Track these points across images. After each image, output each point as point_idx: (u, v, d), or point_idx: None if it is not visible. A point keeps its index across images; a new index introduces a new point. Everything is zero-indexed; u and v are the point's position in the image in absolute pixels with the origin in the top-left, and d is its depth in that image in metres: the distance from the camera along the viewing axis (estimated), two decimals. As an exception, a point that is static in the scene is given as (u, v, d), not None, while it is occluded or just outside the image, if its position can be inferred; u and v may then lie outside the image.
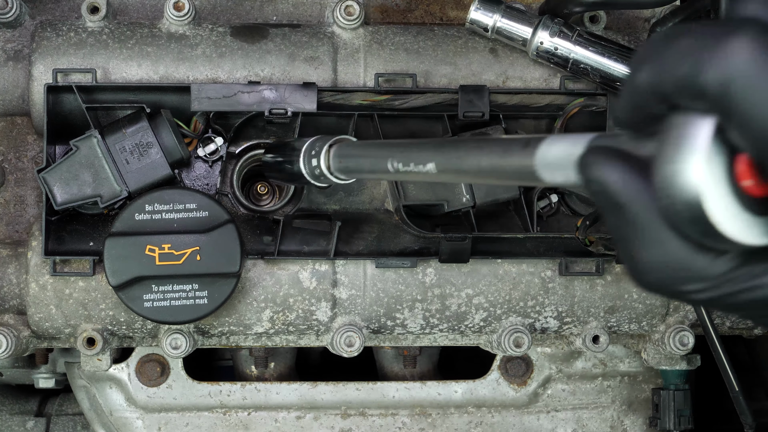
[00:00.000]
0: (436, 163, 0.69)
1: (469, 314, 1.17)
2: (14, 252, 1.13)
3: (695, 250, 0.48)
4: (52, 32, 1.12)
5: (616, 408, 1.33)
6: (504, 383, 1.31)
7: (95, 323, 1.13)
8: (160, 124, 1.07)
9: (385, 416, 1.30)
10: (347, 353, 1.15)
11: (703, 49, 0.43)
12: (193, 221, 1.05)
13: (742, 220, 0.46)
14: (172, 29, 1.13)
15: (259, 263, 1.13)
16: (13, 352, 1.12)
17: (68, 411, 1.43)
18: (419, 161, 0.71)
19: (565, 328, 1.19)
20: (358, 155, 0.85)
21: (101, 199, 1.06)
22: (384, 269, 1.14)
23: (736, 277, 0.48)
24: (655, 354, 1.23)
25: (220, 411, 1.29)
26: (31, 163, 1.16)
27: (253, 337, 1.19)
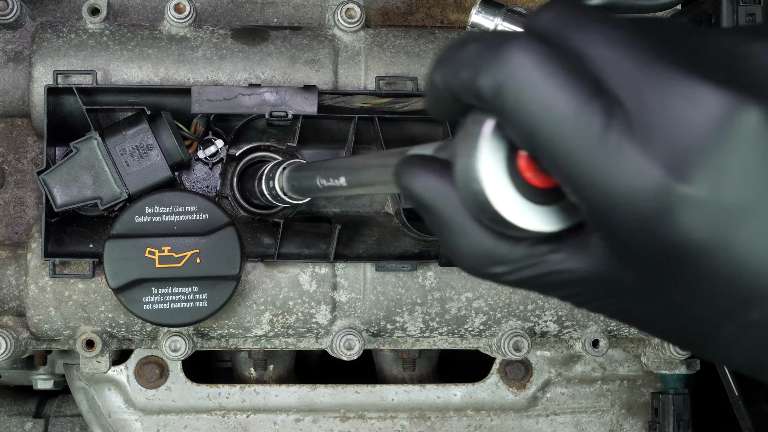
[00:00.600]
0: (345, 178, 0.75)
1: (469, 318, 1.17)
2: (14, 254, 1.13)
3: (497, 237, 0.53)
4: (52, 34, 1.12)
5: (615, 412, 1.33)
6: (503, 387, 1.31)
7: (94, 325, 1.13)
8: (160, 126, 1.07)
9: (384, 419, 1.30)
10: (347, 356, 1.15)
11: (482, 55, 0.49)
12: (193, 224, 1.05)
13: (526, 209, 0.51)
14: (172, 31, 1.13)
15: (259, 266, 1.13)
16: (12, 353, 1.12)
17: (67, 412, 1.43)
18: (335, 176, 0.77)
19: (565, 332, 1.19)
20: (299, 175, 0.93)
21: (101, 201, 1.06)
22: (384, 272, 1.14)
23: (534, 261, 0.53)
24: (654, 358, 1.23)
25: (218, 413, 1.29)
26: (31, 165, 1.15)
27: (253, 340, 1.18)
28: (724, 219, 0.47)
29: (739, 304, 0.49)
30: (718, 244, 0.48)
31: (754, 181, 0.47)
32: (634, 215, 0.48)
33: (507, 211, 0.51)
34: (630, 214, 0.48)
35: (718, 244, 0.48)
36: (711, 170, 0.47)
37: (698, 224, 0.47)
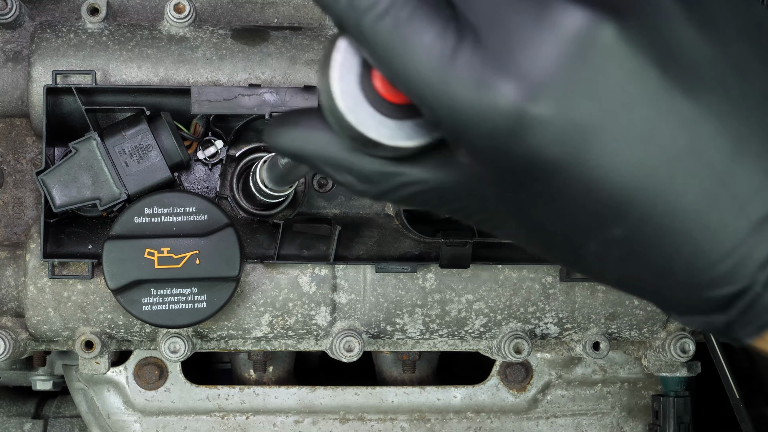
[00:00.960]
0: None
1: (469, 320, 1.16)
2: (12, 254, 1.13)
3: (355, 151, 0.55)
4: (51, 33, 1.11)
5: (615, 414, 1.33)
6: (503, 389, 1.31)
7: (93, 326, 1.13)
8: (159, 127, 1.07)
9: (383, 421, 1.30)
10: (346, 358, 1.15)
11: None
12: (192, 225, 1.05)
13: (381, 123, 0.53)
14: (172, 31, 1.12)
15: (259, 267, 1.13)
16: (11, 354, 1.12)
17: (66, 413, 1.42)
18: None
19: (566, 335, 1.19)
20: (271, 162, 0.96)
21: (100, 202, 1.06)
22: (384, 274, 1.14)
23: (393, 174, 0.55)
24: (655, 360, 1.23)
25: (218, 415, 1.29)
26: (30, 165, 1.15)
27: (252, 341, 1.18)
28: (576, 137, 0.48)
29: (599, 221, 0.51)
30: (570, 163, 0.49)
31: (604, 98, 0.48)
32: (487, 135, 0.49)
33: (360, 124, 0.53)
34: (482, 135, 0.49)
35: (570, 163, 0.49)
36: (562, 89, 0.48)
37: (550, 143, 0.49)
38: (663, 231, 0.50)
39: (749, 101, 0.50)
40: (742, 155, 0.49)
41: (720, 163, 0.49)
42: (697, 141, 0.49)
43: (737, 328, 0.53)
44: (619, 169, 0.49)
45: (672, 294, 0.53)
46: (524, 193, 0.52)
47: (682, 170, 0.49)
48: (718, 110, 0.49)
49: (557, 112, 0.48)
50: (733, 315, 0.52)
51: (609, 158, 0.49)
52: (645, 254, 0.51)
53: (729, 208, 0.50)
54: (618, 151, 0.49)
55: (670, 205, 0.50)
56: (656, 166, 0.49)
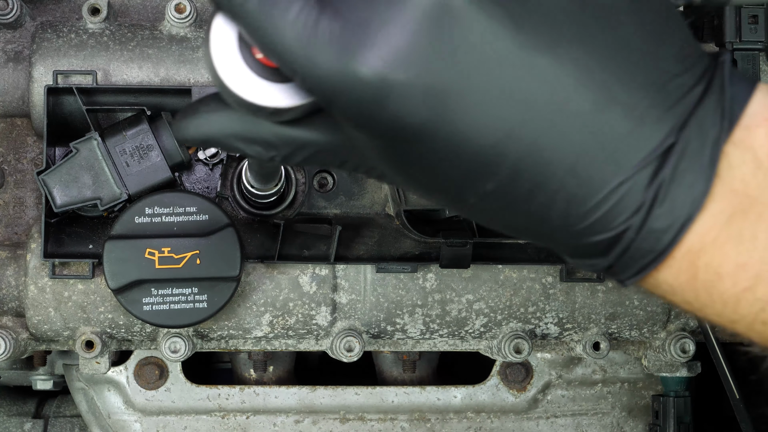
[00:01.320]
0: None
1: (470, 320, 1.16)
2: (13, 254, 1.13)
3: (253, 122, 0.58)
4: (52, 33, 1.11)
5: (616, 414, 1.33)
6: (503, 389, 1.31)
7: (94, 326, 1.13)
8: (160, 127, 1.07)
9: (384, 421, 1.30)
10: (347, 358, 1.15)
11: None
12: (193, 225, 1.05)
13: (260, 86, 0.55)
14: (173, 31, 1.12)
15: (259, 267, 1.13)
16: (11, 354, 1.12)
17: (66, 413, 1.42)
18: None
19: (566, 335, 1.19)
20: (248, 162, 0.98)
21: (101, 202, 1.06)
22: (384, 274, 1.14)
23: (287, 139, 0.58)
24: (655, 361, 1.23)
25: (218, 414, 1.29)
26: (30, 165, 1.15)
27: (253, 341, 1.18)
28: (437, 101, 0.51)
29: (470, 177, 0.54)
30: (435, 125, 0.52)
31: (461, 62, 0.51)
32: (352, 103, 0.52)
33: (243, 90, 0.55)
34: (348, 102, 0.52)
35: (435, 125, 0.52)
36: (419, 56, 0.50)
37: (413, 108, 0.51)
38: (536, 182, 0.53)
39: (612, 50, 0.52)
40: (607, 104, 0.52)
41: (586, 114, 0.51)
42: (559, 94, 0.51)
43: (618, 272, 0.55)
44: (482, 128, 0.52)
45: (555, 239, 0.56)
46: (399, 154, 0.55)
47: (547, 124, 0.52)
48: (580, 62, 0.51)
49: (416, 79, 0.51)
50: (612, 259, 0.54)
51: (471, 119, 0.51)
52: (522, 204, 0.54)
53: (599, 157, 0.52)
54: (479, 111, 0.51)
55: (539, 158, 0.52)
56: (520, 123, 0.52)
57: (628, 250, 0.54)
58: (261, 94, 0.56)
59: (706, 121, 0.53)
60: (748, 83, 0.54)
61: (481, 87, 0.51)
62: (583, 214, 0.53)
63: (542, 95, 0.51)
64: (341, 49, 0.51)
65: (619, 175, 0.52)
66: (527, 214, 0.55)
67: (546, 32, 0.51)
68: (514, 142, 0.52)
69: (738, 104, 0.53)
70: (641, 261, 0.54)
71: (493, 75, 0.51)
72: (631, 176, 0.52)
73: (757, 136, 0.53)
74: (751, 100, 0.54)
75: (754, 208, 0.52)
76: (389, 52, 0.51)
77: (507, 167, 0.53)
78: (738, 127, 0.53)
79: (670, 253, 0.53)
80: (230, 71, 0.56)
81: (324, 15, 0.51)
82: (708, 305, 0.56)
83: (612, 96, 0.52)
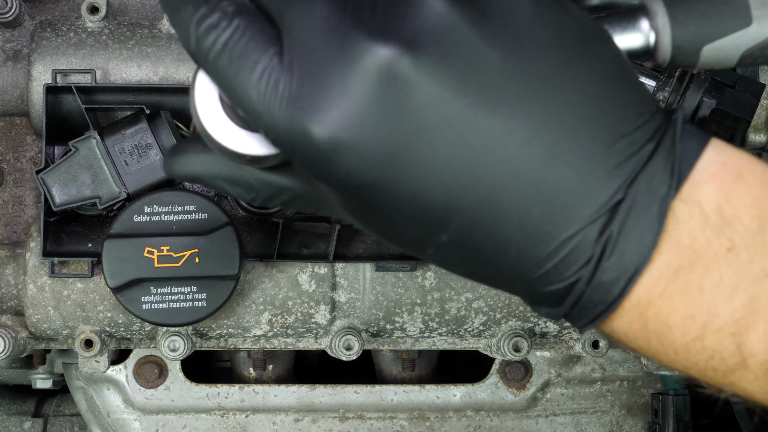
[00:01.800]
0: None
1: (469, 318, 1.16)
2: (12, 253, 1.13)
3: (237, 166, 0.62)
4: (51, 32, 1.11)
5: (615, 413, 1.33)
6: (503, 387, 1.31)
7: (93, 325, 1.13)
8: (159, 126, 1.07)
9: (383, 419, 1.30)
10: (346, 357, 1.15)
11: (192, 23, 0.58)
12: (192, 223, 1.05)
13: (240, 137, 0.60)
14: (172, 30, 1.12)
15: (258, 266, 1.13)
16: (10, 353, 1.12)
17: (65, 412, 1.42)
18: None
19: (565, 333, 1.19)
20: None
21: (100, 201, 1.06)
22: (383, 272, 1.14)
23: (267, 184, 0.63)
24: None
25: (218, 413, 1.29)
26: (29, 164, 1.15)
27: (252, 340, 1.18)
28: (386, 161, 0.54)
29: (425, 229, 0.57)
30: (386, 183, 0.55)
31: (410, 125, 0.54)
32: (307, 160, 0.56)
33: (224, 138, 0.60)
34: (303, 159, 0.56)
35: (386, 183, 0.55)
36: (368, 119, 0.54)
37: (364, 167, 0.55)
38: (488, 235, 0.56)
39: (559, 109, 0.54)
40: (554, 162, 0.54)
41: (533, 171, 0.54)
42: (505, 153, 0.54)
43: (574, 320, 0.58)
44: (431, 186, 0.55)
45: (514, 288, 0.59)
46: (357, 206, 0.58)
47: (495, 182, 0.54)
48: (525, 122, 0.54)
49: (364, 139, 0.54)
50: (566, 309, 0.57)
51: (421, 177, 0.55)
52: (478, 255, 0.57)
53: (547, 212, 0.54)
54: (428, 170, 0.54)
55: (489, 212, 0.55)
56: (469, 181, 0.54)
57: (580, 301, 0.56)
58: (239, 142, 0.60)
59: (655, 178, 0.55)
60: (699, 139, 0.56)
61: (429, 147, 0.54)
62: (534, 265, 0.56)
63: (489, 155, 0.54)
64: (296, 109, 0.55)
65: (568, 229, 0.55)
66: (484, 263, 0.57)
67: (492, 94, 0.54)
68: (464, 199, 0.55)
69: (687, 161, 0.55)
70: (593, 311, 0.56)
71: (440, 136, 0.54)
72: (580, 230, 0.55)
73: (704, 192, 0.55)
74: (702, 156, 0.56)
75: (701, 261, 0.54)
76: (339, 113, 0.54)
77: (458, 221, 0.56)
78: (687, 183, 0.55)
79: (620, 304, 0.56)
80: (212, 121, 0.60)
81: (284, 75, 0.55)
82: (661, 353, 0.58)
83: (559, 154, 0.54)
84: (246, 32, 0.56)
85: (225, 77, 0.57)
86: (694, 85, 1.03)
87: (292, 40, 0.56)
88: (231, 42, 0.56)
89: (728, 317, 0.55)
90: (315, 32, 0.55)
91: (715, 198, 0.55)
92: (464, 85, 0.54)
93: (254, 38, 0.56)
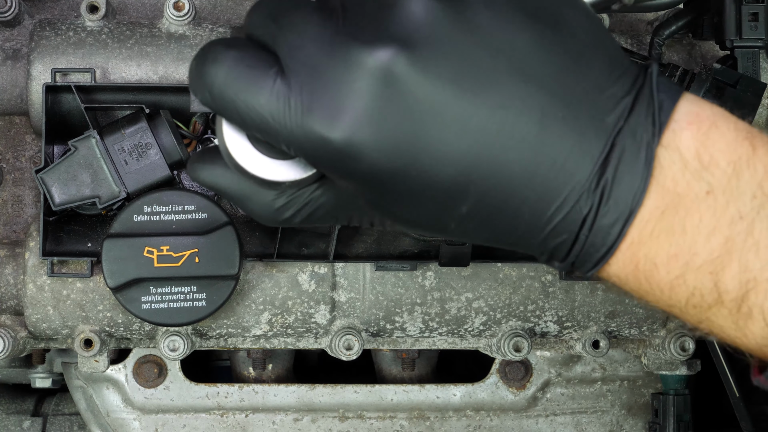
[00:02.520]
0: None
1: (469, 318, 1.16)
2: (12, 252, 1.13)
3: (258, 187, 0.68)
4: (51, 31, 1.11)
5: (615, 412, 1.33)
6: (503, 387, 1.31)
7: (93, 324, 1.13)
8: (159, 125, 1.06)
9: (383, 419, 1.30)
10: (346, 356, 1.15)
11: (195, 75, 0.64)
12: (191, 223, 1.05)
13: (261, 162, 0.66)
14: (171, 29, 1.12)
15: (258, 265, 1.13)
16: (10, 353, 1.11)
17: (65, 411, 1.42)
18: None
19: (565, 333, 1.19)
20: None
21: (99, 200, 1.06)
22: (383, 272, 1.14)
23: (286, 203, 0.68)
24: (655, 359, 1.23)
25: (217, 413, 1.28)
26: (29, 163, 1.15)
27: (252, 339, 1.18)
28: (401, 150, 0.60)
29: (446, 204, 0.63)
30: (405, 170, 0.61)
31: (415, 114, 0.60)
32: (331, 163, 0.62)
33: (246, 164, 0.66)
34: (328, 163, 0.62)
35: (405, 170, 0.61)
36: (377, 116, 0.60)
37: (382, 160, 0.60)
38: (503, 199, 0.61)
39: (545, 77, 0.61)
40: (547, 124, 0.60)
41: (532, 136, 0.60)
42: (504, 124, 0.60)
43: (579, 267, 0.64)
44: (445, 164, 0.60)
45: (529, 246, 0.64)
46: (383, 198, 0.64)
47: (500, 151, 0.60)
48: (517, 95, 0.60)
49: (378, 136, 0.60)
50: (573, 257, 0.63)
51: (433, 161, 0.60)
52: (495, 220, 0.63)
53: (550, 171, 0.60)
54: (438, 154, 0.60)
55: (501, 179, 0.61)
56: (477, 154, 0.60)
57: (585, 246, 0.62)
58: (267, 169, 0.66)
59: (638, 127, 0.61)
60: (674, 91, 0.62)
61: (435, 132, 0.60)
62: (546, 220, 0.62)
63: (492, 126, 0.60)
64: (311, 120, 0.60)
65: (569, 183, 0.60)
66: (501, 226, 0.63)
67: (480, 77, 0.60)
68: (475, 170, 0.61)
69: (665, 110, 0.61)
70: (596, 255, 0.62)
71: (445, 120, 0.60)
72: (581, 182, 0.60)
73: (683, 139, 0.60)
74: (677, 106, 0.61)
75: (683, 203, 0.60)
76: (351, 116, 0.60)
77: (475, 191, 0.61)
78: (666, 131, 0.61)
79: (618, 246, 0.61)
80: (238, 148, 0.66)
81: (292, 92, 0.61)
82: (649, 292, 0.64)
83: (551, 118, 0.60)
84: (243, 61, 0.62)
85: (236, 108, 0.62)
86: (695, 84, 1.03)
87: (292, 60, 0.61)
88: (232, 74, 0.62)
89: (707, 256, 0.60)
90: (312, 49, 0.61)
91: (693, 144, 0.60)
92: (455, 73, 0.60)
93: (252, 66, 0.62)
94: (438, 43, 0.60)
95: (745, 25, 1.06)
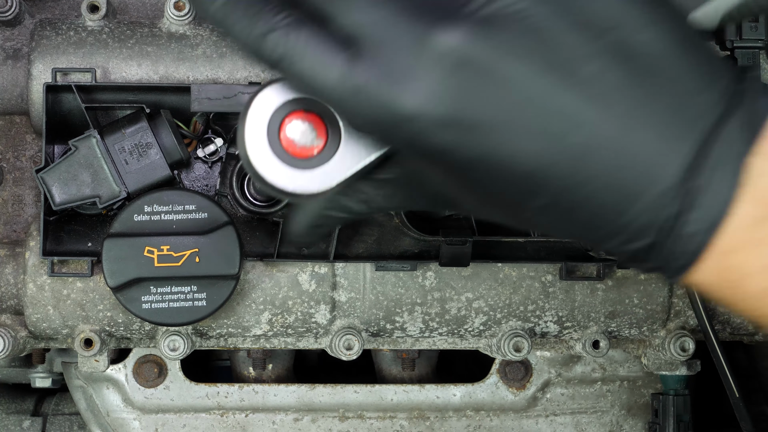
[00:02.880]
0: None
1: (469, 318, 1.16)
2: (12, 252, 1.13)
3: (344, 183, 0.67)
4: (51, 31, 1.11)
5: (615, 413, 1.33)
6: (503, 387, 1.31)
7: (93, 324, 1.13)
8: (159, 125, 1.06)
9: (383, 419, 1.30)
10: (346, 356, 1.15)
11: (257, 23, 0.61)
12: (192, 223, 1.05)
13: (283, 174, 0.65)
14: (172, 29, 1.12)
15: (258, 265, 1.13)
16: (10, 352, 1.11)
17: (65, 411, 1.42)
18: None
19: (565, 333, 1.19)
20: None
21: (100, 200, 1.06)
22: (384, 272, 1.14)
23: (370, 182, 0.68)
24: (655, 359, 1.23)
25: (217, 412, 1.28)
26: (29, 163, 1.15)
27: (252, 339, 1.18)
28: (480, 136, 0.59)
29: (523, 194, 0.61)
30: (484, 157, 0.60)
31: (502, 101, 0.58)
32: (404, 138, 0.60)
33: (268, 175, 0.65)
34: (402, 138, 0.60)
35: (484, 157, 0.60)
36: (447, 99, 0.58)
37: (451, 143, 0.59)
38: (580, 198, 0.60)
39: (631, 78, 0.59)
40: (632, 126, 0.58)
41: (614, 138, 0.58)
42: (586, 123, 0.58)
43: (663, 273, 0.63)
44: (521, 157, 0.59)
45: (607, 245, 0.63)
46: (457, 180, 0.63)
47: (580, 150, 0.59)
48: (601, 96, 0.58)
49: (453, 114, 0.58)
50: (654, 262, 0.62)
51: (510, 151, 0.59)
52: (573, 217, 0.61)
53: (632, 175, 0.59)
54: (517, 144, 0.59)
55: (579, 178, 0.59)
56: (557, 151, 0.59)
57: (667, 253, 0.60)
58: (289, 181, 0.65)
59: (730, 134, 0.58)
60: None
61: (521, 122, 0.58)
62: (627, 223, 0.60)
63: (571, 126, 0.58)
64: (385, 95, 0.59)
65: (654, 187, 0.59)
66: (579, 222, 0.62)
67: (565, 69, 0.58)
68: (554, 166, 0.59)
69: (762, 117, 0.58)
70: (679, 261, 0.61)
71: (529, 112, 0.58)
72: (666, 187, 0.59)
73: None
74: None
75: None
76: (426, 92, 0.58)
77: (552, 187, 0.60)
78: (762, 138, 0.58)
79: (702, 255, 0.60)
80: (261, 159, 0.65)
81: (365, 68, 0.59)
82: (738, 301, 0.62)
83: (637, 119, 0.58)
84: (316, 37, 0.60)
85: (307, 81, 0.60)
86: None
87: (363, 36, 0.59)
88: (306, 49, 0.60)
89: None
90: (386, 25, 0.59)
91: None
92: (545, 63, 0.58)
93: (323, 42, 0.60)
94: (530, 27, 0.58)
95: (745, 25, 1.06)
